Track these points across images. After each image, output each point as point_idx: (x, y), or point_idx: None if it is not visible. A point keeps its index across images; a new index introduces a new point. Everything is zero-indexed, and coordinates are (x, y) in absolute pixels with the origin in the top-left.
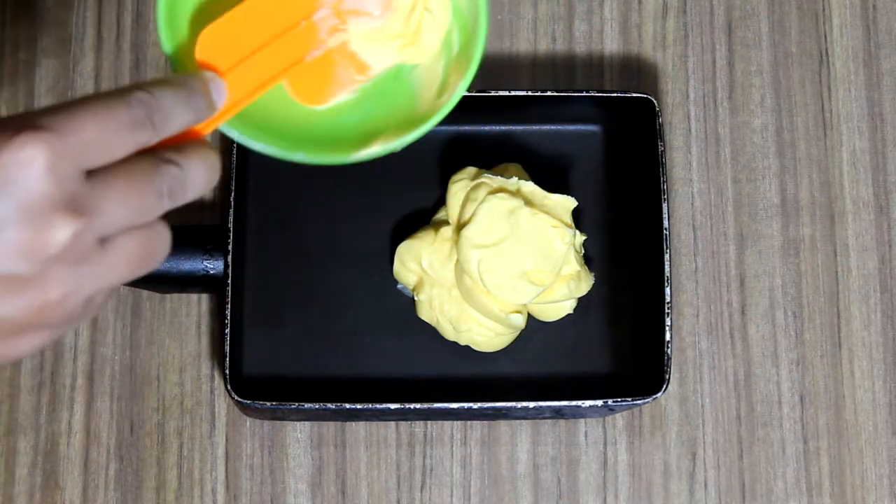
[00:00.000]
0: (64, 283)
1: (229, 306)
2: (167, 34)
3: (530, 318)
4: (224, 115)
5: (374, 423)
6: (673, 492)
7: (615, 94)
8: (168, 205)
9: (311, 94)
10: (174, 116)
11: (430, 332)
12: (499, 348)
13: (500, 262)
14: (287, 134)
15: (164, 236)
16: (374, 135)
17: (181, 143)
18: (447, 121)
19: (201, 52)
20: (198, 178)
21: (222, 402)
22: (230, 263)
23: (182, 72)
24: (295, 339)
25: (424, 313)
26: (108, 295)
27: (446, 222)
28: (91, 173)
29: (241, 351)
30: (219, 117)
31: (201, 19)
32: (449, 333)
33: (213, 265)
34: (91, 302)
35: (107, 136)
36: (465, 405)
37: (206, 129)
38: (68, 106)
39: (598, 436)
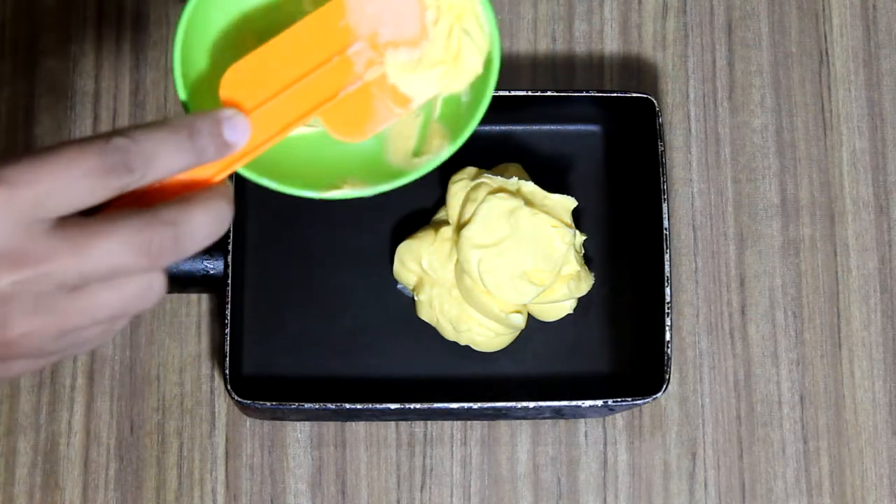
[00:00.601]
0: (22, 324)
1: (229, 306)
2: (182, 78)
3: (530, 318)
4: (247, 154)
5: (374, 423)
6: (673, 492)
7: (615, 94)
8: (158, 262)
9: (347, 128)
10: (161, 160)
11: (430, 332)
12: (499, 348)
13: (500, 262)
14: (264, 160)
15: (150, 289)
16: (343, 176)
17: (189, 193)
18: None
19: (225, 90)
20: (199, 231)
21: (222, 402)
22: (230, 263)
23: (196, 111)
24: (295, 339)
25: (424, 313)
26: (101, 329)
27: (446, 222)
28: (64, 221)
29: (241, 351)
30: (240, 157)
31: (219, 60)
32: (449, 333)
33: (213, 265)
34: (74, 335)
35: (70, 184)
36: (465, 405)
37: (219, 173)
38: (33, 154)
39: (598, 436)
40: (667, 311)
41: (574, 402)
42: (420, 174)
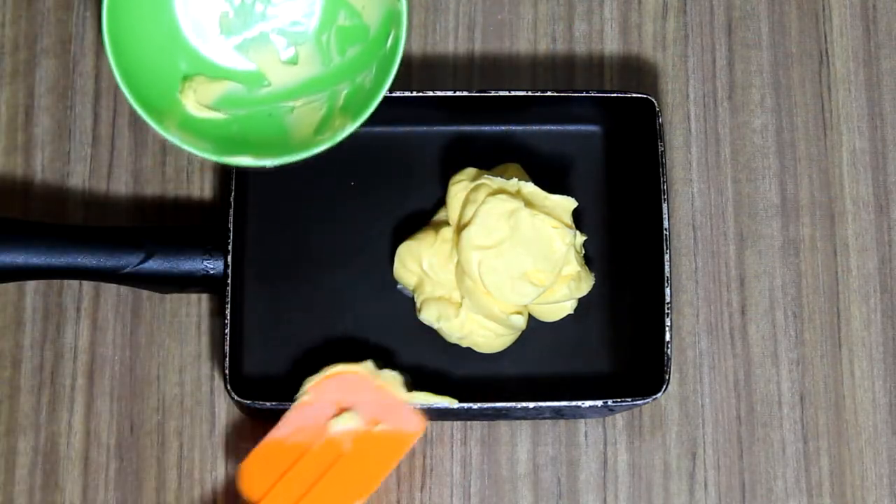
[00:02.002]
0: None
1: (229, 306)
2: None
3: (531, 319)
4: None
5: None
6: (673, 492)
7: (615, 94)
8: None
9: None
10: None
11: (430, 332)
12: (500, 349)
13: (500, 263)
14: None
15: None
16: (247, 150)
17: None
18: (447, 121)
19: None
20: None
21: (222, 402)
22: (230, 263)
23: None
24: (295, 339)
25: (424, 316)
26: None
27: (446, 223)
28: None
29: (241, 351)
30: None
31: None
32: (451, 339)
33: (213, 265)
34: None
35: None
36: (465, 405)
37: None
38: None
39: (598, 436)
40: (667, 311)
41: (574, 403)
42: (319, 150)
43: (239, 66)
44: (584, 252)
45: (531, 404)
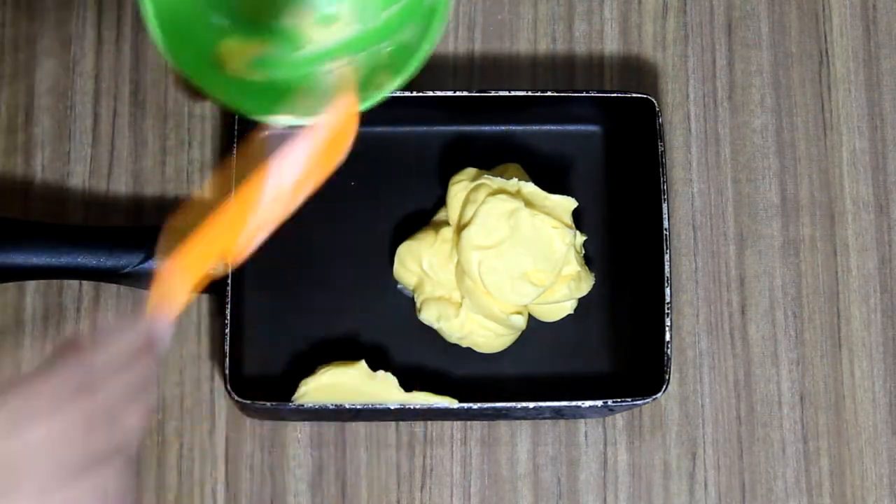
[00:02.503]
0: None
1: (229, 306)
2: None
3: (531, 319)
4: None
5: (374, 423)
6: (673, 492)
7: (615, 94)
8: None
9: None
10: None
11: (430, 332)
12: (500, 349)
13: (500, 263)
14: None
15: None
16: (285, 107)
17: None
18: (447, 121)
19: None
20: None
21: (222, 402)
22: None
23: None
24: (295, 339)
25: (425, 316)
26: None
27: (446, 223)
28: None
29: (241, 351)
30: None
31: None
32: (451, 339)
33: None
34: None
35: None
36: (465, 405)
37: None
38: None
39: (598, 436)
40: (667, 311)
41: (574, 403)
42: (361, 108)
43: (275, 26)
44: (584, 252)
45: (531, 404)
